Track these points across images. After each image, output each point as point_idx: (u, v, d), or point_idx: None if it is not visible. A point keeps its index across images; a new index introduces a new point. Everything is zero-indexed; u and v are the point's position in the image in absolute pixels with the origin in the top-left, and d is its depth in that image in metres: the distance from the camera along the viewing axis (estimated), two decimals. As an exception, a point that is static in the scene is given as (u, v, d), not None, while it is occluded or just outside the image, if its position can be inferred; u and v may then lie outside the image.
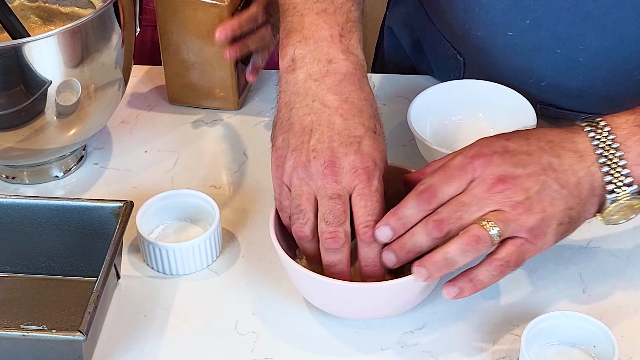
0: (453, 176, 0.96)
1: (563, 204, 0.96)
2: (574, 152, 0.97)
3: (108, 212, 1.05)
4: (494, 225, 0.94)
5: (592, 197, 0.97)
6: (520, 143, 0.98)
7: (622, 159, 0.96)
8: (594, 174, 0.97)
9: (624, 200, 0.97)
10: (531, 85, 1.20)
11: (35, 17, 1.23)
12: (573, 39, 1.14)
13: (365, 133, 0.99)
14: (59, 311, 1.05)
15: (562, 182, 0.96)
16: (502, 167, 0.95)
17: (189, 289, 1.07)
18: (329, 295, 1.00)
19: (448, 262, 0.95)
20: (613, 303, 1.04)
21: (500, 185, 0.95)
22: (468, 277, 0.96)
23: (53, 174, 1.20)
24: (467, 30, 1.21)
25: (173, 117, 1.29)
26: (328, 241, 0.97)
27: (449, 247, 0.94)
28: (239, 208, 1.16)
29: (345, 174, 0.97)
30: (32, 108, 1.09)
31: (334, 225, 0.97)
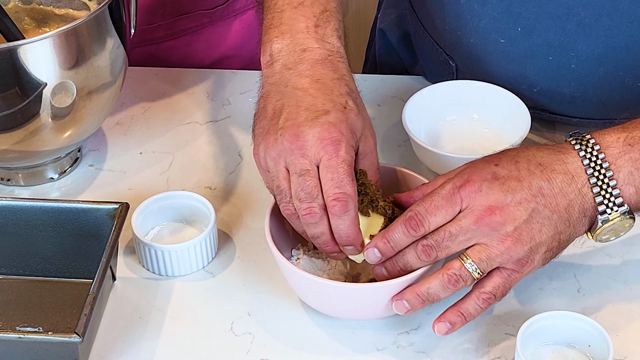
0: (440, 206, 0.96)
1: (552, 230, 0.96)
2: (564, 174, 0.96)
3: (104, 214, 1.05)
4: (473, 263, 0.95)
5: (583, 218, 0.97)
6: (509, 168, 0.97)
7: (612, 179, 0.96)
8: (585, 194, 0.96)
9: (616, 220, 0.97)
10: (524, 91, 1.20)
11: (29, 20, 1.23)
12: (565, 46, 1.14)
13: (333, 107, 0.99)
14: (55, 313, 1.05)
15: (553, 207, 0.96)
16: (491, 197, 0.95)
17: (185, 290, 1.07)
18: (324, 295, 1.01)
19: (430, 297, 0.96)
20: (608, 302, 1.04)
21: (488, 217, 0.94)
22: (458, 310, 0.97)
23: (48, 175, 1.20)
24: (459, 37, 1.21)
25: (168, 119, 1.29)
26: (306, 217, 0.97)
27: (431, 283, 0.96)
28: (234, 209, 1.16)
29: (311, 146, 0.97)
30: (27, 110, 1.09)
31: (307, 202, 0.97)
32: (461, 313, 0.97)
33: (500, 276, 0.96)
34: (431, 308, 1.03)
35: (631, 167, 0.96)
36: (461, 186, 0.96)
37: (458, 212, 0.96)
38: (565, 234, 0.97)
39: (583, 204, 0.96)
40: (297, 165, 0.97)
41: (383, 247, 0.98)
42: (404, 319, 1.03)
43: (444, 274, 0.95)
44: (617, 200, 0.96)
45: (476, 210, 0.95)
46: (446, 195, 0.96)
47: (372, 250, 0.98)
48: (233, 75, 1.36)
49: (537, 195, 0.95)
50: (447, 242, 0.95)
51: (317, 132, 0.97)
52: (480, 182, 0.96)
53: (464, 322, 0.97)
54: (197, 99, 1.32)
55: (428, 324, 1.02)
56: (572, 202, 0.96)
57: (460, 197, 0.95)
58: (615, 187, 0.96)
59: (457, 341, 1.01)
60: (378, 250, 0.98)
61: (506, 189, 0.95)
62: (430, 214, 0.95)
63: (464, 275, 0.95)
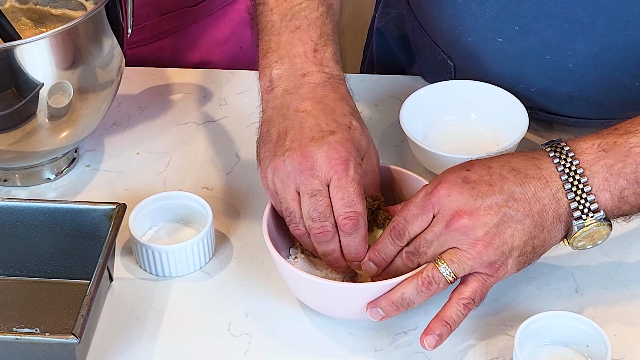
0: (416, 215, 0.97)
1: (525, 235, 0.96)
2: (538, 179, 0.96)
3: (101, 214, 1.05)
4: (447, 267, 0.96)
5: (558, 223, 0.97)
6: (481, 173, 0.97)
7: (587, 184, 0.96)
8: (560, 200, 0.96)
9: (591, 226, 0.96)
10: (521, 90, 1.20)
11: (26, 20, 1.23)
12: (562, 45, 1.14)
13: (337, 127, 1.01)
14: (52, 314, 1.05)
15: (525, 212, 0.96)
16: (460, 201, 0.96)
17: (182, 291, 1.07)
18: (320, 294, 1.01)
19: (405, 302, 0.97)
20: (606, 303, 1.04)
21: (456, 221, 0.95)
22: (442, 320, 0.97)
23: (45, 176, 1.20)
24: (457, 36, 1.21)
25: (165, 119, 1.29)
26: (319, 236, 0.99)
27: (406, 288, 0.97)
28: (231, 210, 1.16)
29: (321, 166, 0.99)
30: (23, 110, 1.09)
31: (320, 221, 0.99)
32: (445, 322, 0.97)
33: (476, 281, 0.97)
34: (429, 309, 1.04)
35: (606, 173, 0.96)
36: (431, 193, 0.97)
37: (432, 218, 0.97)
38: (539, 238, 0.97)
39: (557, 209, 0.96)
40: (308, 186, 0.98)
41: (376, 259, 1.00)
42: (402, 319, 1.03)
43: (418, 278, 0.96)
44: (592, 206, 0.96)
45: (446, 215, 0.96)
46: (419, 203, 0.97)
47: (368, 264, 1.01)
48: (230, 75, 1.36)
49: (509, 199, 0.96)
50: (424, 248, 0.97)
51: (325, 151, 0.99)
52: (450, 187, 0.96)
53: (449, 330, 0.97)
54: (194, 99, 1.32)
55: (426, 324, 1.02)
56: (546, 207, 0.96)
57: (431, 203, 0.97)
58: (590, 192, 0.96)
59: (455, 341, 1.01)
60: (372, 262, 1.00)
61: (476, 193, 0.96)
62: (409, 223, 0.97)
63: (437, 278, 0.96)
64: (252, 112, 1.29)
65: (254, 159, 1.21)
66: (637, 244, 1.10)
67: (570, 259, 1.09)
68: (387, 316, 0.98)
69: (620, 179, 0.96)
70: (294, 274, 0.99)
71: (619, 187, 0.96)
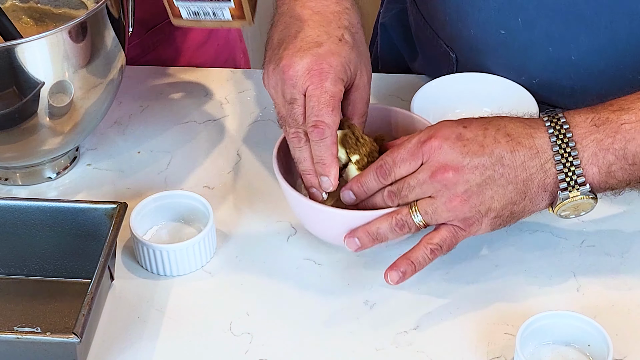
0: (405, 159, 1.00)
1: (504, 200, 0.99)
2: (529, 148, 0.99)
3: (101, 213, 1.05)
4: (420, 216, 1.00)
5: (543, 192, 1.00)
6: (476, 132, 1.00)
7: (577, 158, 0.98)
8: (548, 170, 0.99)
9: (576, 198, 0.99)
10: (523, 83, 1.20)
11: (27, 18, 1.23)
12: (565, 37, 1.14)
13: (327, 40, 1.05)
14: (52, 313, 1.04)
15: (510, 178, 0.98)
16: (449, 156, 0.99)
17: (183, 290, 1.07)
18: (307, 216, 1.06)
19: (379, 236, 1.01)
20: (607, 302, 1.04)
21: (441, 173, 0.98)
22: (408, 259, 1.01)
23: (46, 175, 1.20)
24: (460, 28, 1.21)
25: (166, 118, 1.29)
26: (292, 140, 1.05)
27: (382, 224, 1.01)
28: (232, 208, 1.16)
29: (300, 76, 1.03)
30: (24, 109, 1.09)
31: (293, 127, 1.04)
32: (411, 262, 1.01)
33: (447, 230, 1.00)
34: (430, 308, 1.04)
35: (595, 148, 0.98)
36: (424, 142, 1.00)
37: (420, 165, 1.00)
38: (519, 205, 1.00)
39: (544, 179, 0.99)
40: (287, 94, 1.04)
41: (357, 190, 1.04)
42: (403, 319, 1.03)
43: (393, 217, 1.01)
44: (579, 179, 0.98)
45: (433, 166, 0.99)
46: (411, 149, 1.00)
47: (348, 192, 1.04)
48: (231, 74, 1.35)
49: (496, 163, 0.98)
50: (406, 192, 1.00)
51: (306, 63, 1.03)
52: (443, 140, 0.99)
53: (414, 270, 1.01)
54: (195, 97, 1.32)
55: (427, 324, 1.02)
56: (532, 176, 0.99)
57: (422, 151, 1.00)
58: (578, 166, 0.98)
59: (457, 340, 1.01)
60: (352, 192, 1.04)
61: (466, 151, 0.99)
62: (396, 165, 1.01)
63: (409, 223, 1.00)
64: (252, 111, 1.29)
65: (255, 157, 1.22)
66: (638, 243, 1.10)
67: (572, 258, 1.08)
68: (363, 247, 1.02)
69: (608, 154, 0.98)
70: (289, 194, 1.04)
71: (607, 162, 0.99)
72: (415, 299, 1.05)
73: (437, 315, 1.03)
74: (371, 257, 1.09)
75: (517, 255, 1.09)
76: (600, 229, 1.11)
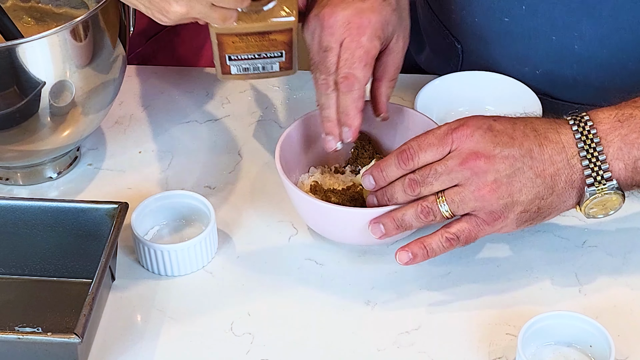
0: (433, 144, 1.00)
1: (533, 193, 0.99)
2: (556, 143, 0.99)
3: (103, 213, 1.05)
4: (447, 205, 0.99)
5: (570, 189, 0.99)
6: (506, 125, 1.00)
7: (602, 153, 0.98)
8: (574, 166, 0.99)
9: (603, 194, 0.99)
10: (526, 74, 1.20)
11: (28, 18, 1.23)
12: (569, 26, 1.15)
13: None
14: (54, 313, 1.04)
15: (538, 171, 0.98)
16: (481, 144, 0.98)
17: (185, 290, 1.07)
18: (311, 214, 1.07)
19: (404, 223, 1.01)
20: (609, 303, 1.04)
21: (472, 160, 0.98)
22: (421, 243, 1.01)
23: (47, 174, 1.20)
24: (464, 16, 1.22)
25: (167, 118, 1.29)
26: (320, 87, 1.07)
27: (407, 210, 1.01)
28: (233, 208, 1.15)
29: (339, 26, 1.05)
30: (25, 109, 1.09)
31: (324, 74, 1.06)
32: (424, 246, 1.01)
33: (468, 222, 1.00)
34: (432, 308, 1.04)
35: (620, 143, 0.99)
36: (455, 129, 1.00)
37: (448, 153, 0.99)
38: (547, 200, 0.99)
39: (571, 174, 0.99)
40: (324, 41, 1.06)
41: (377, 176, 1.03)
42: (405, 319, 1.03)
43: (419, 204, 1.00)
44: (605, 174, 0.98)
45: (463, 152, 0.98)
46: (440, 135, 1.00)
47: (368, 177, 1.04)
48: (232, 74, 1.35)
49: (525, 155, 0.98)
50: (431, 178, 0.99)
51: (347, 14, 1.05)
52: (474, 128, 0.99)
53: (425, 256, 1.01)
54: (196, 97, 1.32)
55: (429, 324, 1.02)
56: (559, 171, 0.99)
57: (452, 138, 0.99)
58: (604, 161, 0.98)
59: (458, 341, 1.01)
60: (372, 177, 1.03)
61: (497, 141, 0.99)
62: (422, 149, 1.00)
63: (435, 210, 1.00)
64: (254, 111, 1.29)
65: (256, 157, 1.22)
66: (641, 244, 1.10)
67: (574, 258, 1.08)
68: (387, 234, 1.02)
69: (634, 149, 0.99)
70: (293, 192, 1.04)
71: (632, 157, 0.99)
72: (416, 299, 1.05)
73: (439, 316, 1.03)
74: (373, 257, 1.09)
75: (519, 255, 1.09)
76: (602, 229, 1.11)
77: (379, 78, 1.10)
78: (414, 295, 1.05)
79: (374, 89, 1.11)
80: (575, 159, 0.99)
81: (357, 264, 1.09)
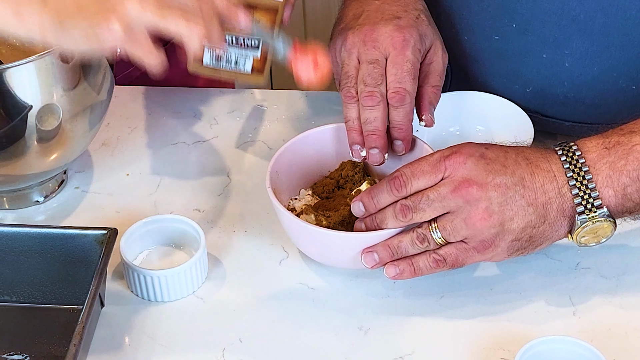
0: (425, 172, 1.00)
1: (525, 222, 0.99)
2: (547, 171, 0.99)
3: (91, 239, 1.03)
4: (439, 233, 0.99)
5: (562, 218, 0.99)
6: (498, 153, 1.00)
7: (591, 181, 0.98)
8: (564, 195, 0.99)
9: (594, 222, 0.99)
10: (516, 92, 1.20)
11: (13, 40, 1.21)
12: (559, 43, 1.15)
13: (406, 15, 1.11)
14: (42, 340, 1.03)
15: (530, 200, 0.98)
16: (473, 172, 0.99)
17: (175, 315, 1.05)
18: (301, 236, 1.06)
19: (400, 251, 1.01)
20: (604, 325, 1.03)
21: (465, 188, 0.98)
22: (410, 260, 1.01)
23: (34, 198, 1.18)
24: (454, 34, 1.21)
25: (154, 139, 1.27)
26: (366, 99, 1.07)
27: (404, 237, 1.01)
28: (223, 232, 1.14)
29: (383, 40, 1.08)
30: (12, 133, 1.07)
31: (371, 86, 1.07)
32: (412, 263, 1.01)
33: (457, 247, 1.00)
34: (426, 333, 1.03)
35: (609, 171, 0.99)
36: (448, 156, 1.00)
37: (440, 180, 1.00)
38: (539, 229, 0.99)
39: (562, 203, 0.99)
40: (368, 54, 1.08)
41: (367, 203, 1.03)
42: (398, 343, 1.02)
43: (414, 231, 1.00)
44: (595, 202, 0.99)
45: (456, 180, 0.99)
46: (433, 162, 1.00)
47: (357, 204, 1.04)
48: (220, 94, 1.34)
49: (517, 184, 0.99)
50: (424, 205, 0.99)
51: (389, 30, 1.09)
52: (467, 156, 1.00)
53: (412, 273, 1.01)
54: (184, 118, 1.31)
55: (423, 349, 1.01)
56: (551, 200, 0.99)
57: (445, 165, 1.00)
58: (594, 189, 0.99)
59: (452, 366, 1.00)
60: (363, 204, 1.03)
61: (490, 169, 0.99)
62: (415, 176, 1.00)
63: (429, 238, 1.00)
64: (242, 132, 1.28)
65: (246, 179, 1.21)
66: (634, 265, 1.09)
67: (568, 281, 1.08)
68: (381, 262, 1.02)
69: (622, 176, 0.99)
70: (283, 215, 1.04)
71: (621, 184, 0.99)
72: (410, 324, 1.04)
73: (433, 341, 1.02)
74: (365, 281, 1.08)
75: (512, 278, 1.08)
76: (595, 250, 1.10)
77: (421, 84, 1.12)
78: (407, 320, 1.04)
79: (418, 95, 1.12)
80: (566, 188, 0.99)
81: (349, 288, 1.08)
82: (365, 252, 1.01)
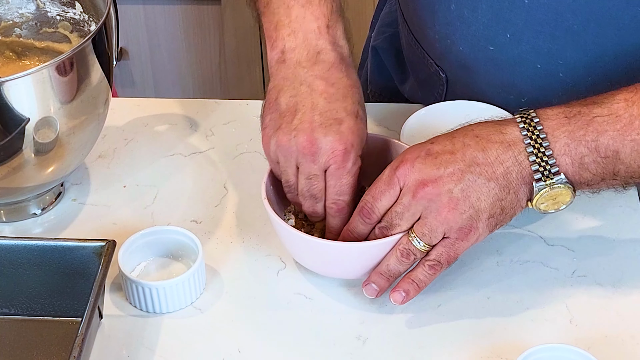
0: (383, 191, 1.02)
1: (491, 197, 1.00)
2: (500, 143, 1.00)
3: (90, 251, 1.04)
4: (418, 239, 1.01)
5: (523, 185, 1.01)
6: (444, 144, 1.02)
7: (549, 148, 0.99)
8: (522, 162, 1.00)
9: (552, 188, 1.00)
10: (511, 102, 1.20)
11: (9, 52, 1.22)
12: (553, 53, 1.15)
13: (346, 116, 1.05)
14: (41, 352, 1.03)
15: (489, 175, 1.00)
16: (424, 172, 1.00)
17: (174, 327, 1.06)
18: (296, 246, 1.07)
19: (391, 272, 1.03)
20: (600, 333, 1.04)
21: (421, 189, 0.99)
22: (409, 278, 1.03)
23: (31, 211, 1.19)
24: (449, 45, 1.22)
25: (151, 151, 1.28)
26: (307, 211, 1.08)
27: (389, 260, 1.02)
28: (220, 243, 1.15)
29: (322, 154, 1.04)
30: (9, 146, 1.07)
31: (311, 201, 1.07)
32: (412, 280, 1.03)
33: (442, 245, 1.01)
34: (423, 343, 1.03)
35: (567, 139, 1.00)
36: (397, 167, 1.01)
37: (400, 192, 1.01)
38: (507, 200, 1.01)
39: (521, 171, 1.00)
40: (306, 168, 1.05)
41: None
42: (396, 354, 1.02)
43: (397, 250, 1.02)
44: (552, 168, 0.99)
45: (412, 186, 1.00)
46: (386, 179, 1.02)
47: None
48: (216, 105, 1.34)
49: (471, 164, 1.00)
50: (396, 220, 1.01)
51: (330, 141, 1.04)
52: (413, 160, 1.01)
53: (417, 289, 1.03)
54: (180, 130, 1.31)
55: (420, 359, 1.01)
56: (509, 169, 1.00)
57: (397, 177, 1.01)
58: (551, 156, 0.99)
59: (450, 375, 1.00)
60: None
61: (439, 162, 1.00)
62: (377, 200, 1.02)
63: (413, 249, 1.01)
64: (239, 143, 1.28)
65: (243, 190, 1.21)
66: (630, 272, 1.10)
67: (564, 288, 1.08)
68: (381, 290, 1.04)
69: (580, 146, 1.00)
70: (279, 226, 1.05)
71: (579, 153, 1.00)
72: (407, 333, 1.04)
73: (430, 350, 1.03)
74: (362, 290, 1.08)
75: (509, 286, 1.09)
76: (591, 258, 1.11)
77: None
78: (405, 329, 1.05)
79: None
80: (523, 155, 1.00)
81: (346, 298, 1.08)
82: (364, 285, 1.04)
